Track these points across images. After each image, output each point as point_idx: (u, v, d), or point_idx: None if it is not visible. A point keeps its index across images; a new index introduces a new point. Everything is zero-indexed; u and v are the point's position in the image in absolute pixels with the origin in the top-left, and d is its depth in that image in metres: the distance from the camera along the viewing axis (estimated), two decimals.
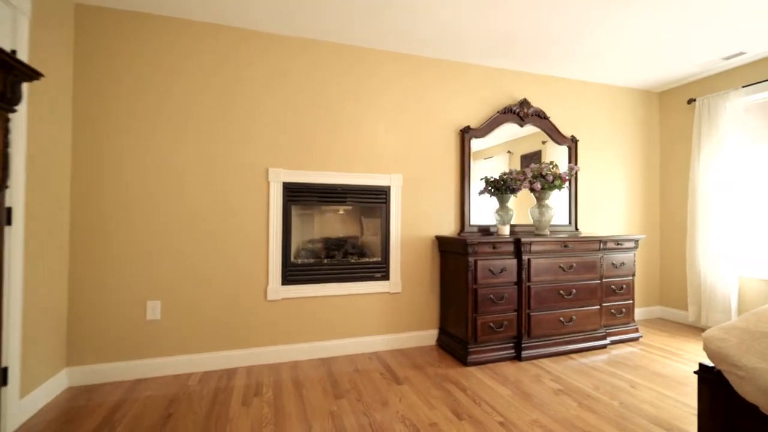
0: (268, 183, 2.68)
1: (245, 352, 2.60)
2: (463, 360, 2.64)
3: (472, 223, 3.16)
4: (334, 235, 3.00)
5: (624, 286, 3.10)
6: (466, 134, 3.14)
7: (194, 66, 2.54)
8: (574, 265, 2.88)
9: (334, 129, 2.86)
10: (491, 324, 2.66)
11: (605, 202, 3.74)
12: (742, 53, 3.08)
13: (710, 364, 1.43)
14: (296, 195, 2.75)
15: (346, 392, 2.21)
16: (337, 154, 2.86)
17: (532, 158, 3.37)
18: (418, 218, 3.05)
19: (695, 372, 1.47)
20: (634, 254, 3.17)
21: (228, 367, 2.56)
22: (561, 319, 2.83)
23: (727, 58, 3.17)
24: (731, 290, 3.23)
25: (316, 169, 2.80)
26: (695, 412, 1.98)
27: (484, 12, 2.46)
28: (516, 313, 2.74)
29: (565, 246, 2.88)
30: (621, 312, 3.09)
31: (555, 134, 3.45)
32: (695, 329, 3.47)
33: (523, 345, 2.72)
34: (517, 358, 2.70)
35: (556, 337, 2.82)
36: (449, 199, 3.15)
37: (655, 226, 3.97)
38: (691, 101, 3.61)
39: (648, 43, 2.90)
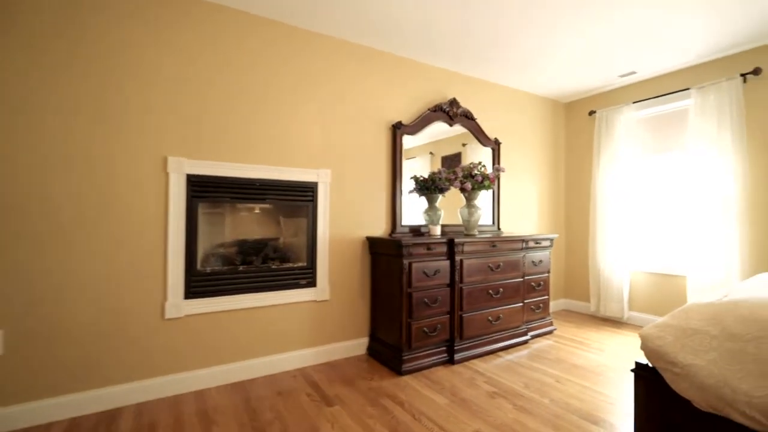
0: (167, 175, 2.19)
1: (134, 386, 2.07)
2: (397, 369, 2.48)
3: (403, 223, 3.03)
4: (252, 238, 2.60)
5: (542, 282, 3.27)
6: (398, 130, 3.00)
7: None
8: (501, 264, 2.93)
9: (255, 117, 2.47)
10: (425, 329, 2.56)
11: (521, 204, 3.95)
12: (634, 72, 3.47)
13: (645, 361, 1.47)
14: (204, 190, 2.30)
15: (268, 424, 1.88)
16: (257, 145, 2.47)
17: (452, 160, 3.37)
18: (347, 218, 2.81)
19: (632, 370, 1.51)
20: (550, 252, 3.38)
21: (109, 408, 2.01)
22: (489, 318, 2.85)
23: (623, 76, 3.56)
24: (624, 283, 3.64)
25: (230, 160, 2.38)
26: (613, 401, 2.11)
27: (420, 3, 2.33)
28: (449, 315, 2.68)
29: (493, 246, 2.91)
30: (539, 307, 3.25)
31: (481, 136, 3.51)
32: (596, 318, 3.85)
33: (455, 348, 2.67)
34: (450, 361, 2.64)
35: (486, 337, 2.84)
36: (380, 198, 2.98)
37: (562, 226, 4.34)
38: (592, 113, 4.00)
39: (562, 58, 3.09)
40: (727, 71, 3.05)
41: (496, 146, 3.63)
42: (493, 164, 3.61)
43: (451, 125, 3.30)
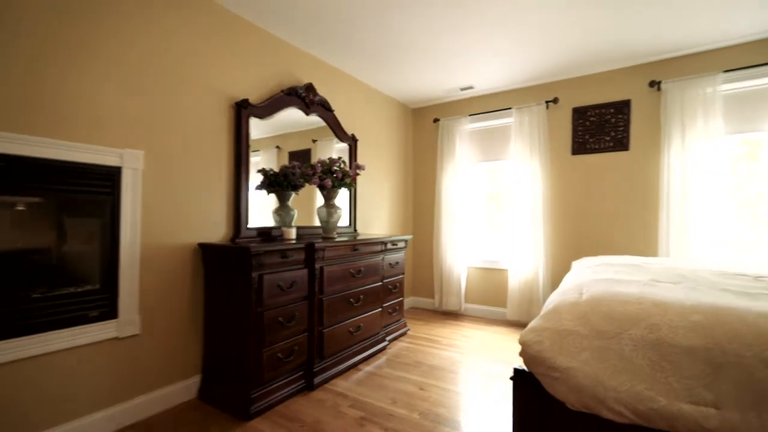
0: None
1: None
2: (243, 412, 1.94)
3: (249, 225, 2.47)
4: (2, 249, 1.60)
5: (398, 284, 3.23)
6: (243, 110, 2.42)
7: None
8: (363, 269, 2.72)
9: (26, 68, 1.51)
10: (279, 354, 2.09)
11: (375, 204, 3.88)
12: (472, 87, 3.84)
13: (523, 367, 1.44)
14: None
15: None
16: (23, 106, 1.52)
17: (301, 157, 3.00)
18: (170, 218, 2.08)
19: (510, 378, 1.46)
20: (404, 253, 3.38)
21: None
22: (351, 329, 2.60)
23: (463, 89, 3.89)
24: (461, 278, 3.99)
25: None
26: (476, 403, 2.14)
27: None
28: (307, 333, 2.29)
29: (355, 249, 2.68)
30: (395, 310, 3.20)
31: (338, 130, 3.24)
32: (439, 313, 4.10)
33: (315, 369, 2.29)
34: (309, 387, 2.26)
35: (347, 350, 2.57)
36: (218, 193, 2.34)
37: (410, 226, 4.50)
38: (436, 120, 4.27)
39: (409, 62, 3.12)
40: (536, 97, 3.66)
41: (353, 143, 3.43)
42: (351, 161, 3.39)
43: (307, 114, 2.90)
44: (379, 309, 2.93)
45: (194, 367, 2.19)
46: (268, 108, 2.58)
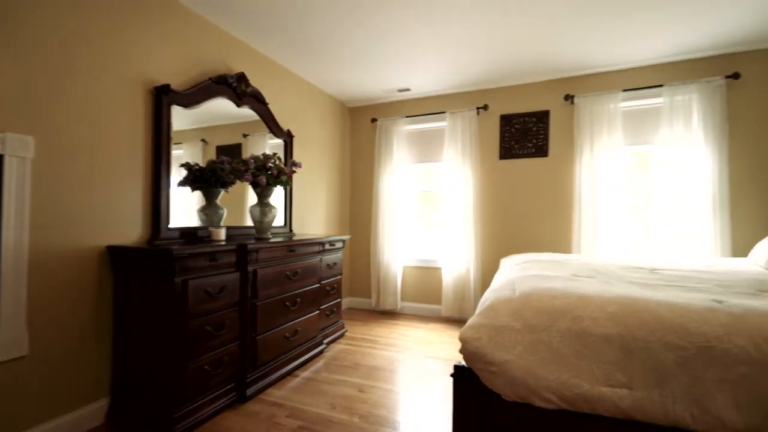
0: None
1: None
2: None
3: (171, 225, 2.22)
4: None
5: (335, 285, 3.17)
6: (164, 96, 2.16)
7: None
8: (300, 271, 2.61)
9: None
10: (207, 367, 1.91)
11: (311, 203, 3.76)
12: (408, 89, 3.91)
13: (463, 364, 1.48)
14: None
15: None
16: None
17: (230, 152, 2.80)
18: (71, 217, 1.78)
19: (451, 375, 1.49)
20: (342, 253, 3.32)
21: None
22: (287, 335, 2.47)
23: (401, 91, 3.95)
24: (398, 277, 4.05)
25: None
26: (416, 400, 2.17)
27: None
28: (238, 342, 2.13)
29: (291, 250, 2.55)
30: (333, 312, 3.13)
31: (273, 124, 3.07)
32: (376, 312, 4.11)
33: (248, 380, 2.14)
34: (241, 399, 2.09)
35: (283, 357, 2.44)
36: (134, 189, 2.07)
37: (347, 226, 4.45)
38: (374, 120, 4.27)
39: (355, 63, 3.09)
40: (468, 103, 3.85)
41: (289, 139, 3.28)
42: (286, 158, 3.24)
43: (238, 105, 2.70)
44: (317, 311, 2.84)
45: (102, 387, 1.90)
46: (194, 96, 2.34)
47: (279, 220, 3.15)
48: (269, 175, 2.52)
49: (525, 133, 3.65)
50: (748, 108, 2.90)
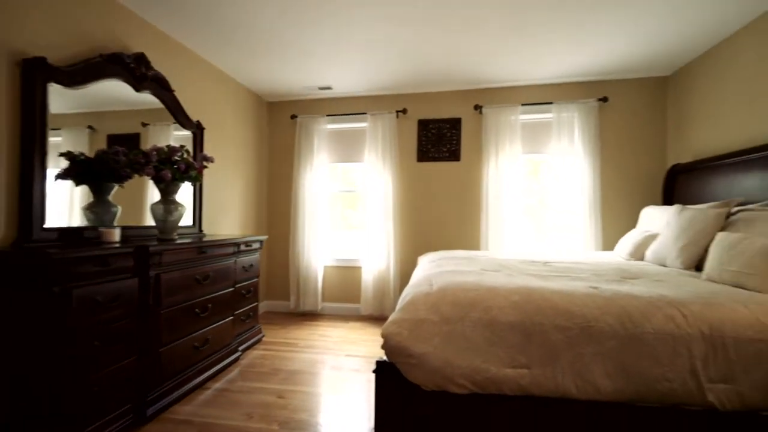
0: None
1: None
2: None
3: (48, 225, 1.87)
4: None
5: (252, 289, 3.00)
6: (38, 71, 1.82)
7: None
8: (211, 274, 2.41)
9: None
10: (96, 388, 1.66)
11: (224, 202, 3.51)
12: (330, 88, 3.88)
13: (385, 359, 1.52)
14: None
15: None
16: None
17: (126, 141, 2.48)
18: None
19: (373, 371, 1.52)
20: (259, 255, 3.16)
21: None
22: (196, 344, 2.27)
23: (322, 89, 3.89)
24: (318, 277, 3.99)
25: None
26: (340, 400, 2.16)
27: None
28: (137, 356, 1.88)
29: (202, 252, 2.35)
30: (249, 316, 2.96)
31: (179, 114, 2.78)
32: (295, 315, 3.99)
33: (149, 398, 1.91)
34: (141, 420, 1.86)
35: (191, 369, 2.23)
36: None
37: (264, 226, 4.24)
38: (293, 117, 4.14)
39: (274, 56, 2.97)
40: (389, 106, 3.96)
41: (198, 131, 3.01)
42: (196, 152, 2.97)
43: (137, 89, 2.40)
44: (231, 317, 2.65)
45: None
46: (79, 74, 2.01)
47: (187, 220, 2.87)
48: (175, 169, 2.28)
49: (440, 137, 3.88)
50: (613, 126, 3.50)
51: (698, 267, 2.01)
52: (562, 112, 3.52)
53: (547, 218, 3.60)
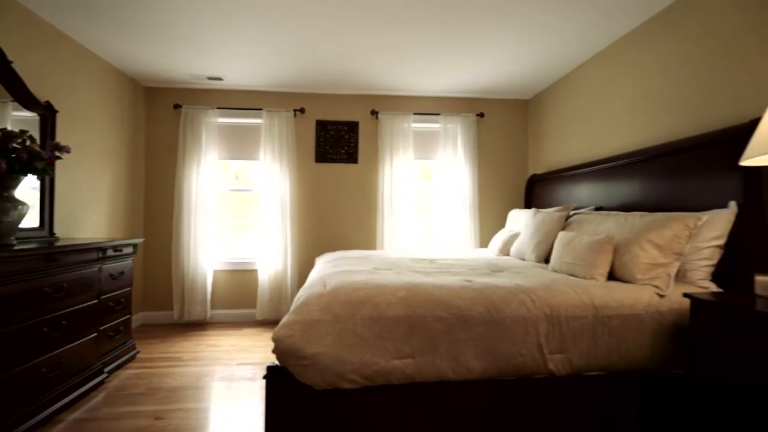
0: None
1: None
2: None
3: None
4: None
5: (122, 300, 2.63)
6: None
7: None
8: (66, 285, 2.04)
9: None
10: None
11: (90, 200, 2.99)
12: (221, 78, 3.61)
13: (276, 363, 1.49)
14: None
15: None
16: None
17: None
18: None
19: (264, 377, 1.49)
20: (132, 261, 2.78)
21: None
22: (44, 369, 1.89)
23: (211, 79, 3.60)
24: (207, 282, 3.68)
25: None
26: (228, 412, 2.04)
27: None
28: None
29: (53, 260, 1.97)
30: (119, 331, 2.59)
31: (20, 91, 2.28)
32: (180, 326, 3.61)
33: None
34: None
35: (39, 400, 1.85)
36: None
37: (140, 228, 3.74)
38: (177, 107, 3.74)
39: (152, 35, 2.65)
40: (286, 104, 3.87)
41: (49, 114, 2.51)
42: (44, 139, 2.47)
43: None
44: (95, 334, 2.28)
45: None
46: None
47: (31, 221, 2.37)
48: (14, 159, 1.87)
49: (339, 139, 3.94)
50: (488, 139, 4.02)
51: (547, 260, 2.45)
52: (448, 123, 3.90)
53: (437, 219, 3.95)
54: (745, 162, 1.43)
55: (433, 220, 4.03)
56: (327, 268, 2.24)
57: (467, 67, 3.27)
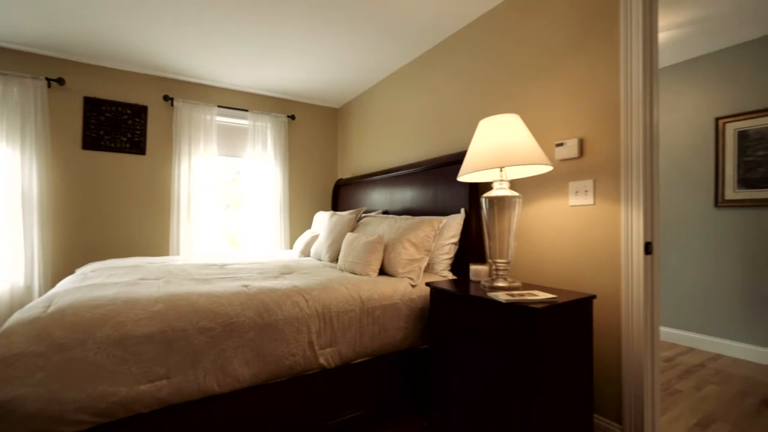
0: None
1: None
2: None
3: None
4: None
5: None
6: None
7: None
8: None
9: None
10: None
11: None
12: None
13: None
14: None
15: None
16: None
17: None
18: None
19: None
20: None
21: None
22: None
23: None
24: None
25: None
26: None
27: None
28: None
29: None
30: None
31: None
32: None
33: None
34: None
35: None
36: None
37: None
38: None
39: None
40: (33, 69, 2.95)
41: None
42: None
43: None
44: None
45: None
46: None
47: None
48: None
49: (119, 124, 3.25)
50: (299, 141, 4.06)
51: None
52: (257, 121, 3.75)
53: (246, 220, 3.73)
54: (460, 178, 1.86)
55: (241, 222, 3.80)
56: (73, 282, 1.79)
57: (278, 68, 3.21)
